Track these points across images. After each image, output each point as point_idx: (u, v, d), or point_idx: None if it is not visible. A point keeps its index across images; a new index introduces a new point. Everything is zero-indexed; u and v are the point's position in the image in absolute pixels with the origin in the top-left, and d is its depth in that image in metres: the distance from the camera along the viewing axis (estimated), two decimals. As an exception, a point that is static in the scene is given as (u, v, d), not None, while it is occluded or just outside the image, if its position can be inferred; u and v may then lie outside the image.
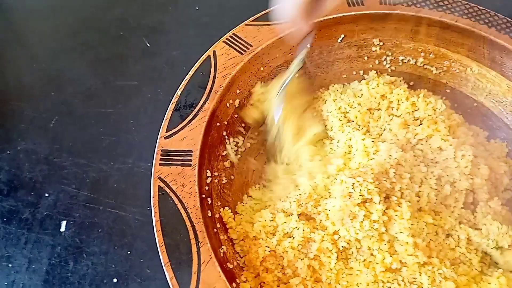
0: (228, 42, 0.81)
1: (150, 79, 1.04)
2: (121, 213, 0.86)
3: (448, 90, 0.90)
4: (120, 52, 1.09)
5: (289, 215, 0.70)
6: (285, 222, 0.68)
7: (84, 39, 1.13)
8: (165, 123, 0.71)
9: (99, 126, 0.97)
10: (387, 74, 0.90)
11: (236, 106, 0.80)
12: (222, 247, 0.66)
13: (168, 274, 0.59)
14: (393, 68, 0.91)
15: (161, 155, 0.68)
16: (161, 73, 1.05)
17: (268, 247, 0.68)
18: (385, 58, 0.91)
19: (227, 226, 0.71)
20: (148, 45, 1.10)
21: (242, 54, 0.80)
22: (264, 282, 0.68)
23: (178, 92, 0.75)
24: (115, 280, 0.80)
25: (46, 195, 0.87)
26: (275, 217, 0.70)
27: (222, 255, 0.65)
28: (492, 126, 0.85)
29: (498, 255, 0.69)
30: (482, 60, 0.85)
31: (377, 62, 0.91)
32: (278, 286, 0.69)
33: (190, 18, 1.15)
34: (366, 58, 0.91)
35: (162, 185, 0.65)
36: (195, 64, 0.78)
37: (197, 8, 1.17)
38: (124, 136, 0.95)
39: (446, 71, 0.89)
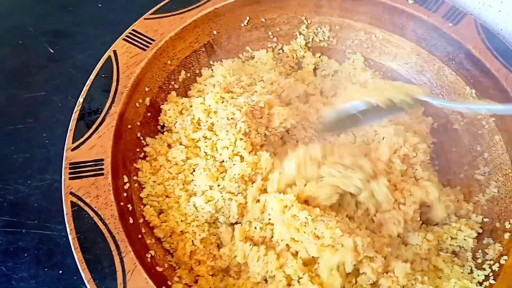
0: (128, 39, 0.77)
1: (58, 86, 0.98)
2: (46, 232, 0.82)
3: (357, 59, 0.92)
4: (22, 63, 1.02)
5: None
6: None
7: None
8: (70, 134, 0.68)
9: (10, 144, 0.91)
10: (299, 50, 0.91)
11: (148, 104, 0.77)
12: (150, 251, 0.65)
13: (92, 290, 0.57)
14: (302, 43, 0.92)
15: (70, 168, 0.65)
16: (69, 79, 0.99)
17: (195, 239, 0.68)
18: (294, 35, 0.91)
19: (151, 225, 0.69)
20: (52, 51, 1.04)
21: (144, 50, 0.77)
22: (198, 275, 0.68)
23: (80, 99, 0.71)
24: (49, 303, 0.76)
25: (-39, 226, 0.82)
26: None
27: (149, 260, 0.64)
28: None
29: None
30: (384, 25, 0.87)
31: (286, 40, 0.91)
32: (213, 275, 0.69)
33: (93, 17, 1.09)
34: (275, 38, 0.91)
35: (74, 200, 0.62)
36: (96, 67, 0.74)
37: (100, 6, 1.11)
38: (39, 151, 0.90)
39: (352, 40, 0.91)
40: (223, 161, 0.73)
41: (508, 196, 0.74)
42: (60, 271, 0.79)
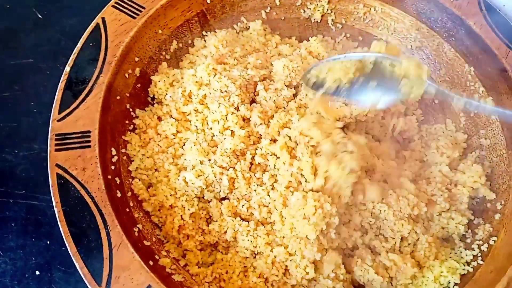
0: (118, 6, 0.74)
1: (46, 53, 0.95)
2: (34, 202, 0.81)
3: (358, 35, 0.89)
4: (9, 28, 0.98)
5: None
6: None
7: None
8: (56, 105, 0.65)
9: (-4, 112, 0.89)
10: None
11: (138, 75, 0.75)
12: (137, 225, 0.64)
13: (78, 264, 0.56)
14: (300, 17, 0.89)
15: (56, 139, 0.63)
16: (58, 45, 0.96)
17: (184, 213, 0.67)
18: (291, 7, 0.88)
19: (140, 199, 0.68)
20: (40, 16, 1.00)
21: (134, 18, 0.74)
22: (186, 250, 0.67)
23: (67, 68, 0.69)
24: (37, 272, 0.76)
25: None
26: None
27: (137, 234, 0.63)
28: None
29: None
30: (384, -2, 0.84)
31: (282, 11, 0.88)
32: (202, 249, 0.68)
33: (84, -20, 1.05)
34: (268, 8, 0.87)
35: (60, 172, 0.61)
36: (83, 35, 0.71)
37: (90, -31, 1.07)
38: (26, 120, 0.88)
39: (351, 13, 0.88)
40: (213, 135, 0.72)
41: (501, 176, 0.74)
42: (48, 241, 0.78)
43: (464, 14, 0.78)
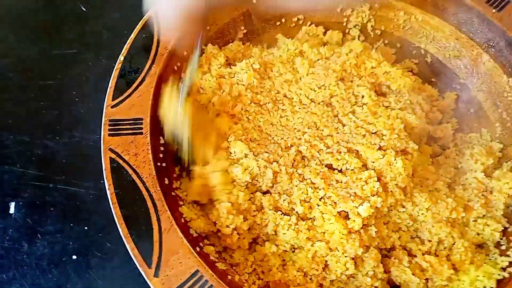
0: (170, 1, 0.76)
1: (89, 45, 0.98)
2: (73, 189, 0.83)
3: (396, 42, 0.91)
4: (54, 19, 1.01)
5: None
6: None
7: (13, 8, 1.03)
8: (110, 91, 0.67)
9: (40, 99, 0.91)
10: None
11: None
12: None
13: (129, 245, 0.58)
14: (342, 21, 0.91)
15: (109, 125, 0.65)
16: (100, 38, 0.99)
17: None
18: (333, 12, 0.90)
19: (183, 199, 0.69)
20: (84, 9, 1.03)
21: (185, 13, 0.76)
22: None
23: (121, 57, 0.71)
24: (74, 257, 0.77)
25: (-11, 177, 0.82)
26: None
27: (183, 221, 0.64)
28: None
29: None
30: (425, 7, 0.86)
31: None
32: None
33: (127, -22, 1.08)
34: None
35: (113, 156, 0.63)
36: (137, 26, 0.74)
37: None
38: (68, 108, 0.90)
39: (391, 20, 0.90)
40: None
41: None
42: (86, 228, 0.80)
43: (505, 25, 0.79)
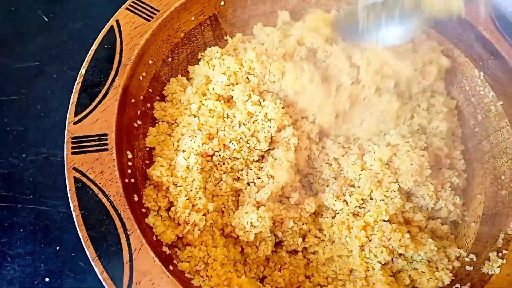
0: (132, 8, 0.74)
1: (53, 57, 0.94)
2: (42, 208, 0.80)
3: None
4: (15, 31, 0.97)
5: None
6: None
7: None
8: (71, 107, 0.64)
9: (3, 116, 0.87)
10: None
11: (151, 78, 0.74)
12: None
13: (98, 269, 0.55)
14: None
15: (73, 142, 0.62)
16: (65, 49, 0.95)
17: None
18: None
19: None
20: (46, 19, 0.99)
21: (149, 20, 0.73)
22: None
23: (82, 71, 0.67)
24: (47, 279, 0.75)
25: (-48, 201, 0.79)
26: None
27: (155, 239, 0.62)
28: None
29: None
30: (394, 3, 0.85)
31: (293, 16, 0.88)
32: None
33: (89, -16, 1.05)
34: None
35: (78, 175, 0.60)
36: (98, 37, 0.71)
37: (96, -28, 1.06)
38: (34, 124, 0.87)
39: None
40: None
41: (513, 180, 0.74)
42: (57, 248, 0.77)
43: (473, 19, 0.79)
